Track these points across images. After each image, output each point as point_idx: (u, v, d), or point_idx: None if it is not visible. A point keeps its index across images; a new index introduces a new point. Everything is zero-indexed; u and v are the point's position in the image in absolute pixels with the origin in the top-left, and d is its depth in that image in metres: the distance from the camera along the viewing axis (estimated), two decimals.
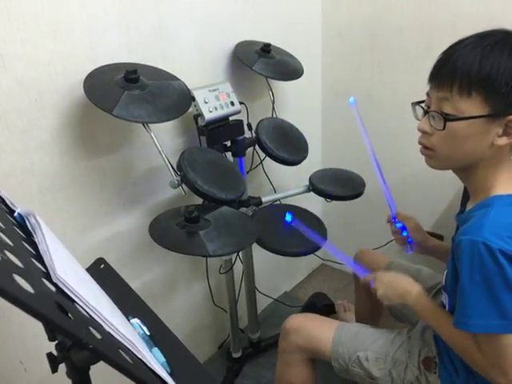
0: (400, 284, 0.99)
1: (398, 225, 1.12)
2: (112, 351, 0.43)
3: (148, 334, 0.72)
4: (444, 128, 0.79)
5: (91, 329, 0.42)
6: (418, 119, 0.88)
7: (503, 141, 0.77)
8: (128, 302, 0.78)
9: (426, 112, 0.84)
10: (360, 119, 1.15)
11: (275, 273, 1.95)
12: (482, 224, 0.76)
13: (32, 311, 0.33)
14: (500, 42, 0.75)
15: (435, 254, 1.15)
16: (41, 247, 0.49)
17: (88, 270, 0.84)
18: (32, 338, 1.10)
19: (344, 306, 1.79)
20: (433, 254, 1.15)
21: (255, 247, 1.30)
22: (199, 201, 1.22)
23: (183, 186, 1.13)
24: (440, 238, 1.68)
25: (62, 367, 0.60)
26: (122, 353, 0.46)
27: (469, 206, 0.89)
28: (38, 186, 1.06)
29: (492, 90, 0.74)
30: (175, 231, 1.05)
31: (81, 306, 0.46)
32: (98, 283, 0.75)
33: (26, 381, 1.12)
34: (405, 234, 1.12)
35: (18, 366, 1.11)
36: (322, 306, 1.78)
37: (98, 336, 0.43)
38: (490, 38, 0.76)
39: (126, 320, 0.72)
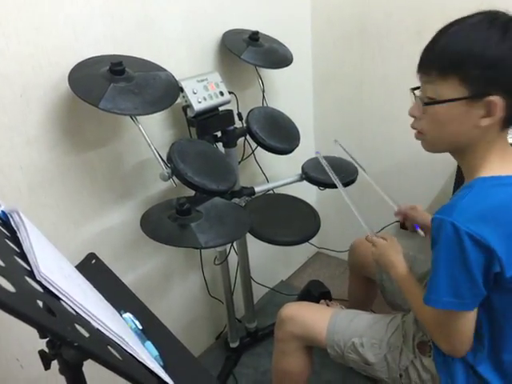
0: (390, 256, 1.04)
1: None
2: (100, 348, 0.42)
3: (140, 328, 0.72)
4: (424, 112, 0.81)
5: (78, 326, 0.42)
6: None
7: (486, 122, 0.77)
8: (120, 296, 0.78)
9: (416, 97, 0.84)
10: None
11: (271, 262, 1.95)
12: (456, 205, 0.78)
13: (12, 310, 0.32)
14: (478, 24, 0.75)
15: None
16: (25, 245, 0.48)
17: (79, 265, 0.84)
18: (28, 334, 1.08)
19: (326, 304, 1.79)
20: None
21: (250, 237, 1.30)
22: (191, 193, 1.21)
23: (174, 178, 1.12)
24: None
25: (57, 364, 0.60)
26: (112, 349, 0.46)
27: None
28: (27, 182, 1.05)
29: (465, 73, 0.75)
30: (167, 224, 1.05)
31: (67, 304, 0.45)
32: (88, 279, 0.75)
33: (22, 377, 1.12)
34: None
35: (14, 363, 1.11)
36: (318, 294, 1.79)
37: (86, 334, 0.42)
38: (470, 19, 0.76)
39: (118, 315, 0.71)
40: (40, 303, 0.40)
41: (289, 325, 1.12)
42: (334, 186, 1.46)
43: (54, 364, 0.61)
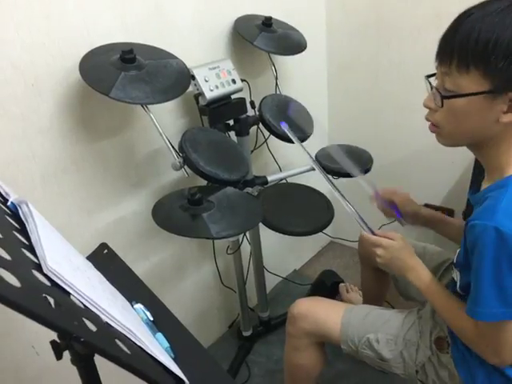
0: (406, 259, 0.96)
1: (385, 204, 1.10)
2: (107, 343, 0.42)
3: (151, 319, 0.72)
4: (442, 105, 0.76)
5: (85, 320, 0.42)
6: (429, 93, 0.84)
7: (508, 117, 0.72)
8: (131, 287, 0.78)
9: (432, 87, 0.80)
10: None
11: (284, 251, 1.94)
12: (496, 207, 0.73)
13: (16, 306, 0.32)
14: (503, 11, 0.69)
15: (429, 225, 1.13)
16: (32, 237, 0.48)
17: (91, 256, 0.84)
18: None
19: (346, 287, 1.78)
20: (426, 224, 1.13)
21: (263, 226, 1.29)
22: (204, 182, 1.20)
23: (186, 167, 1.11)
24: (451, 212, 1.65)
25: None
26: (120, 343, 0.46)
27: (484, 185, 0.85)
28: (40, 172, 1.05)
29: (490, 65, 0.69)
30: (178, 214, 1.04)
31: (75, 298, 0.45)
32: (100, 269, 0.75)
33: (38, 364, 1.14)
34: (392, 207, 1.10)
35: (30, 350, 1.13)
36: (332, 284, 1.78)
37: (93, 328, 0.42)
38: (493, 4, 0.70)
39: (129, 306, 0.71)
40: (47, 297, 0.39)
41: (301, 321, 1.10)
42: (348, 176, 1.44)
43: (68, 353, 0.61)
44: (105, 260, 0.84)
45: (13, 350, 1.10)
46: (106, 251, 0.87)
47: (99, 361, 0.62)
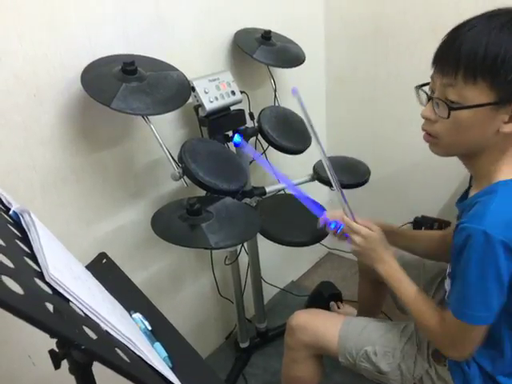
0: (381, 252, 0.98)
1: (333, 225, 1.06)
2: (107, 351, 0.42)
3: (150, 328, 0.72)
4: (449, 116, 0.76)
5: (86, 328, 0.42)
6: (422, 104, 0.85)
7: (509, 128, 0.74)
8: (130, 296, 0.78)
9: (430, 98, 0.81)
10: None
11: (281, 262, 1.94)
12: (485, 211, 0.74)
13: (19, 314, 0.32)
14: (508, 24, 0.71)
15: (390, 240, 1.04)
16: (35, 246, 0.49)
17: (90, 265, 0.84)
18: (39, 332, 1.10)
19: (336, 306, 1.77)
20: (402, 247, 1.15)
21: (260, 237, 1.30)
22: (203, 192, 1.21)
23: (185, 177, 1.12)
24: (447, 224, 1.66)
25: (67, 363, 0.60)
26: (120, 352, 0.46)
27: (471, 193, 0.86)
28: (40, 181, 1.06)
29: (498, 77, 0.71)
30: (177, 224, 1.05)
31: (76, 306, 0.45)
32: (99, 278, 0.75)
33: (34, 374, 1.13)
34: (339, 231, 1.05)
35: (27, 360, 1.12)
36: (329, 295, 1.78)
37: (94, 336, 0.42)
38: (497, 19, 0.72)
39: (128, 315, 0.72)
40: (48, 305, 0.40)
41: (299, 333, 1.10)
42: (346, 187, 1.45)
43: (65, 363, 0.61)
44: (104, 269, 0.84)
45: (9, 360, 1.09)
46: (104, 261, 0.87)
47: (96, 370, 0.63)
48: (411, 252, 1.18)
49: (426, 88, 0.84)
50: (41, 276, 0.44)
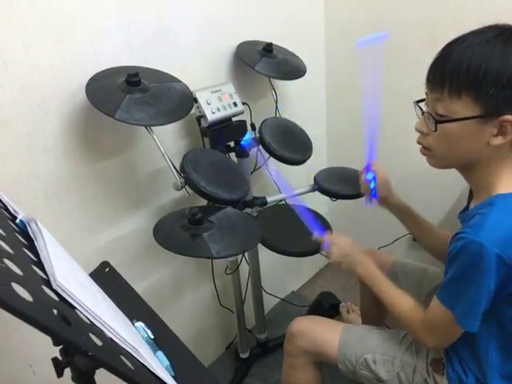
0: (353, 254, 1.08)
1: (370, 175, 1.15)
2: (113, 358, 0.43)
3: (152, 337, 0.72)
4: (436, 129, 0.79)
5: (92, 335, 0.42)
6: (419, 118, 0.87)
7: (498, 140, 0.76)
8: (132, 305, 0.79)
9: (423, 112, 0.84)
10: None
11: (282, 272, 1.94)
12: (483, 224, 0.76)
13: (29, 320, 0.33)
14: (492, 40, 0.73)
15: (397, 214, 1.19)
16: (42, 254, 0.49)
17: (93, 273, 0.85)
18: (41, 341, 1.09)
19: (348, 308, 1.78)
20: (395, 213, 1.19)
21: (261, 247, 1.30)
22: (204, 202, 1.22)
23: (187, 187, 1.13)
24: None
25: (69, 371, 0.60)
26: (124, 359, 0.46)
27: (472, 205, 0.88)
28: (44, 190, 1.06)
29: (481, 91, 0.73)
30: (179, 233, 1.05)
31: (81, 313, 0.46)
32: (102, 287, 0.76)
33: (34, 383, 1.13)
34: (372, 185, 1.15)
35: (27, 369, 1.12)
36: (330, 306, 1.78)
37: (99, 343, 0.43)
38: (484, 34, 0.74)
39: (130, 324, 0.72)
40: (56, 312, 0.40)
41: (299, 340, 1.11)
42: (346, 197, 1.46)
43: (67, 371, 0.61)
44: (106, 278, 0.84)
45: (9, 368, 1.09)
46: (107, 269, 0.88)
47: (98, 379, 0.63)
48: (419, 240, 1.21)
49: (423, 103, 0.87)
50: (48, 283, 0.45)
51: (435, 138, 0.82)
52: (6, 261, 0.40)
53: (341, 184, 1.48)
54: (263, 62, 1.35)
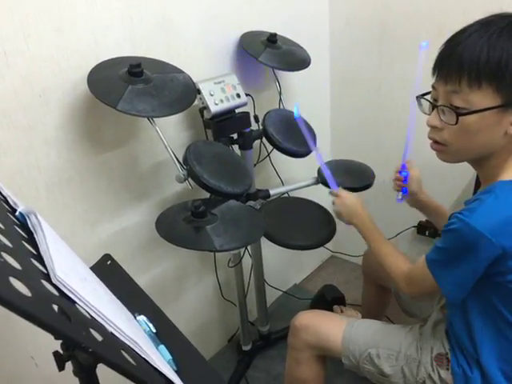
0: (353, 205, 1.13)
1: (404, 173, 1.16)
2: (113, 353, 0.42)
3: (154, 331, 0.71)
4: (457, 123, 0.77)
5: (92, 330, 0.42)
6: (425, 112, 0.86)
7: None
8: (134, 299, 0.78)
9: (434, 106, 0.82)
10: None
11: (284, 265, 1.94)
12: (478, 207, 0.77)
13: (27, 316, 0.32)
14: (506, 29, 0.73)
15: (423, 210, 1.21)
16: (41, 247, 0.49)
17: (94, 266, 0.84)
18: (43, 333, 1.10)
19: (340, 309, 1.77)
20: (421, 209, 1.21)
21: (264, 240, 1.29)
22: (207, 195, 1.21)
23: (190, 180, 1.12)
24: None
25: (70, 364, 0.60)
26: (125, 354, 0.46)
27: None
28: (45, 182, 1.06)
29: (503, 80, 0.72)
30: (182, 226, 1.04)
31: (82, 307, 0.45)
32: (103, 280, 0.75)
33: (36, 376, 1.13)
34: (405, 183, 1.16)
35: (29, 362, 1.12)
36: (332, 299, 1.77)
37: (99, 338, 0.42)
38: (495, 24, 0.74)
39: (132, 318, 0.71)
40: (55, 307, 0.39)
41: (303, 333, 1.11)
42: (350, 190, 1.44)
43: (69, 364, 0.61)
44: (108, 271, 0.84)
45: (11, 361, 1.09)
46: (109, 262, 0.87)
47: (100, 372, 0.62)
48: (436, 224, 1.23)
49: (428, 96, 0.85)
50: (47, 278, 0.44)
51: (452, 133, 0.80)
52: (4, 254, 0.39)
53: (344, 176, 1.46)
54: (267, 53, 1.33)
